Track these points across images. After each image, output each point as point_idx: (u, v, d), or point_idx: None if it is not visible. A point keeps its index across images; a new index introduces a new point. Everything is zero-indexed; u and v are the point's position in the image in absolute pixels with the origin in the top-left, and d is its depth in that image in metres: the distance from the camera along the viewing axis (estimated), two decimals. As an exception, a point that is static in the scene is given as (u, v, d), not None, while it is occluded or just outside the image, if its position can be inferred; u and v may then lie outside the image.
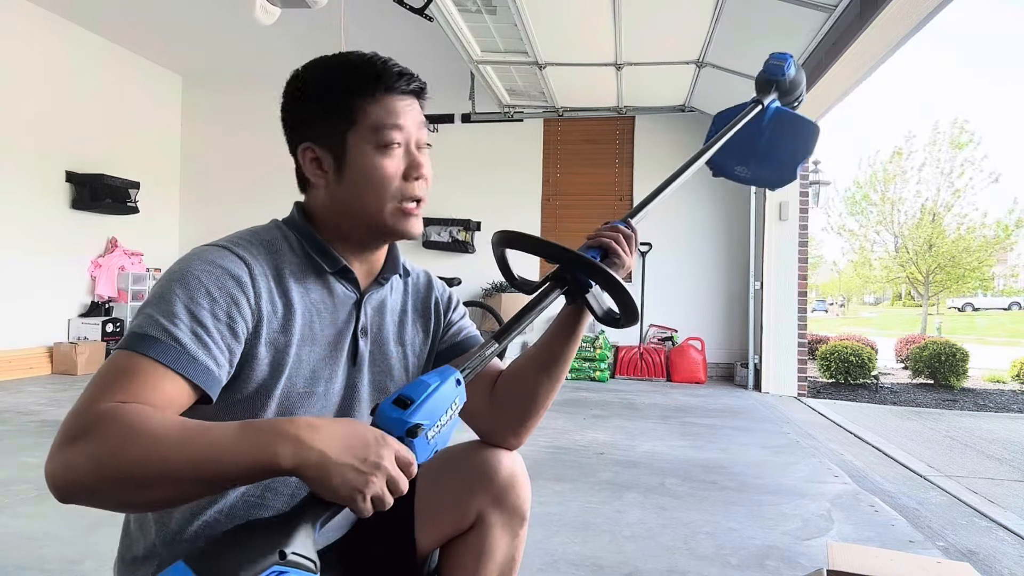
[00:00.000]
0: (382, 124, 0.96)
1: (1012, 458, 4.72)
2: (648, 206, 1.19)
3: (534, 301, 0.99)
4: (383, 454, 0.76)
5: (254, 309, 0.92)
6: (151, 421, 0.75)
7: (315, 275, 1.01)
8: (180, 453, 0.73)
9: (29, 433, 3.77)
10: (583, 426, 4.35)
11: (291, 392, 0.96)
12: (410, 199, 1.00)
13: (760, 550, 2.28)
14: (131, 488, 0.74)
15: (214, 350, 0.86)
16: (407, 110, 0.99)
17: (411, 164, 0.99)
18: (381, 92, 0.97)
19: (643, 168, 7.27)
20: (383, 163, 0.97)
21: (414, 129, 1.00)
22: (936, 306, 23.58)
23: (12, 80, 5.81)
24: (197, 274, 0.88)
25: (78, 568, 2.00)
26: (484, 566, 1.09)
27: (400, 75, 0.98)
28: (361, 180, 0.98)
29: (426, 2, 4.35)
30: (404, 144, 0.99)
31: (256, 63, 7.20)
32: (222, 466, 0.74)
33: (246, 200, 7.67)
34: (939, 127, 20.00)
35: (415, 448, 0.79)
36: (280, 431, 0.75)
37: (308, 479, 0.75)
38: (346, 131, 0.97)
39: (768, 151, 1.40)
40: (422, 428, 0.79)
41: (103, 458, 0.73)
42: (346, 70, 0.98)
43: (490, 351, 0.93)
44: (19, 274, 5.86)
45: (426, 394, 0.80)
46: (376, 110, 0.97)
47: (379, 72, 0.97)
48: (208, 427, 0.77)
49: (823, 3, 3.84)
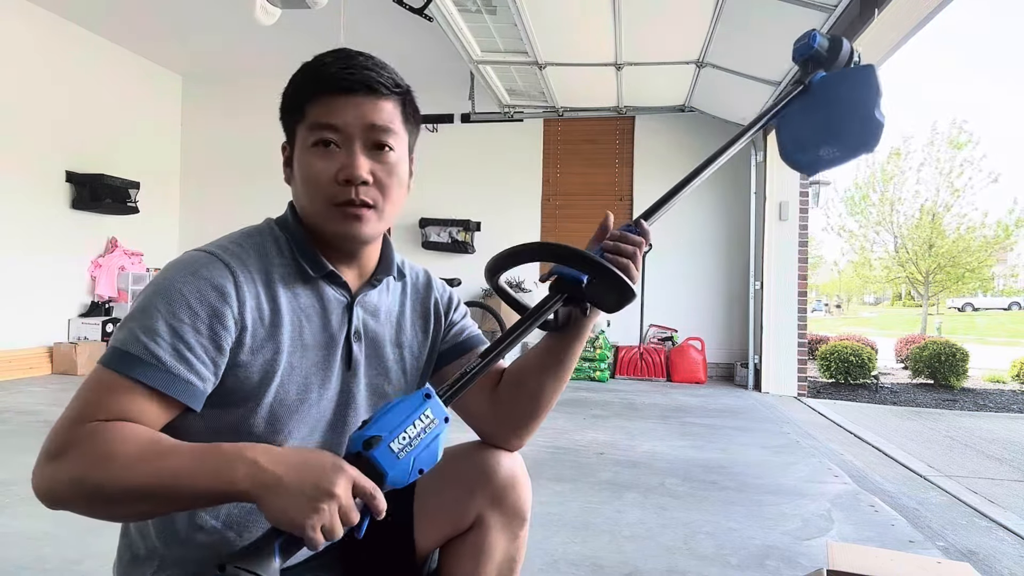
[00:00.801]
0: (316, 122, 0.95)
1: (1012, 458, 4.72)
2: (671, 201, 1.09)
3: (531, 312, 0.98)
4: (336, 481, 0.75)
5: (237, 319, 0.91)
6: (125, 444, 0.79)
7: (304, 279, 0.99)
8: (146, 475, 0.77)
9: (29, 433, 3.77)
10: (583, 426, 4.35)
11: (284, 399, 0.95)
12: (344, 202, 0.95)
13: (760, 550, 2.28)
14: (108, 505, 0.80)
15: (196, 364, 0.87)
16: (348, 108, 0.94)
17: (342, 166, 0.94)
18: (321, 88, 0.95)
19: (643, 168, 7.28)
20: (312, 161, 0.95)
21: (357, 128, 0.94)
22: (936, 306, 23.57)
23: (12, 80, 5.81)
24: (179, 287, 0.88)
25: (78, 568, 2.00)
26: (483, 567, 1.09)
27: (343, 69, 0.94)
28: (300, 177, 0.98)
29: (426, 2, 4.34)
30: (344, 143, 0.95)
31: (256, 63, 7.20)
32: (184, 488, 0.77)
33: (246, 200, 7.65)
34: (937, 127, 20.02)
35: (378, 460, 0.78)
36: (240, 455, 0.78)
37: (261, 503, 0.76)
38: (295, 127, 0.98)
39: (842, 118, 1.29)
40: (380, 439, 0.79)
41: (80, 478, 0.78)
42: (303, 67, 0.98)
43: (472, 366, 0.92)
44: (19, 274, 5.86)
45: (384, 408, 0.82)
46: (315, 107, 0.95)
47: (320, 68, 0.96)
48: (176, 449, 0.80)
49: (823, 3, 3.84)
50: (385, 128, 0.96)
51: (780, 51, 4.54)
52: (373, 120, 0.95)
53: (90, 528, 2.28)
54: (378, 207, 0.97)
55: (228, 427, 0.93)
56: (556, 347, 1.07)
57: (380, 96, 0.96)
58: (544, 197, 7.49)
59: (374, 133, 0.95)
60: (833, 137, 1.30)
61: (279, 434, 0.96)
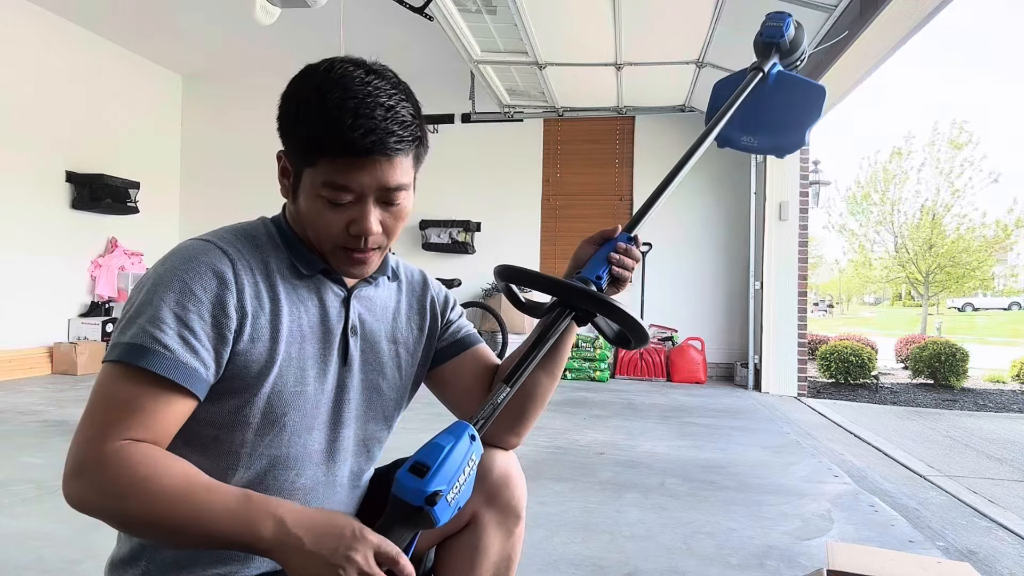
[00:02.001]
0: (331, 182, 0.90)
1: (1012, 458, 4.72)
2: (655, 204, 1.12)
3: (544, 332, 0.98)
4: (357, 548, 0.78)
5: (238, 306, 0.91)
6: (155, 477, 0.81)
7: (301, 273, 1.00)
8: (175, 512, 0.80)
9: (29, 433, 3.77)
10: (583, 426, 4.35)
11: (282, 390, 0.95)
12: (352, 249, 0.95)
13: (760, 550, 2.28)
14: (132, 528, 0.86)
15: (201, 352, 0.88)
16: (366, 172, 0.90)
17: (353, 220, 0.92)
18: (338, 151, 0.88)
19: (643, 168, 7.28)
20: (322, 211, 0.93)
21: (372, 189, 0.91)
22: (936, 306, 23.58)
23: (12, 80, 5.81)
24: (181, 275, 0.89)
25: (78, 568, 2.00)
26: (479, 565, 1.09)
27: (365, 135, 0.87)
28: (306, 214, 0.95)
29: (426, 2, 4.34)
30: (357, 199, 0.92)
31: (256, 63, 7.21)
32: (210, 530, 0.81)
33: (246, 200, 7.62)
34: (938, 127, 20.02)
35: (437, 516, 0.80)
36: (268, 509, 0.81)
37: (282, 563, 0.80)
38: (303, 167, 0.93)
39: (775, 118, 1.31)
40: (440, 494, 0.79)
41: (108, 501, 0.81)
42: (321, 111, 0.89)
43: (502, 396, 0.92)
44: (19, 274, 5.86)
45: (441, 457, 0.81)
46: (329, 166, 0.89)
47: (343, 130, 0.87)
48: (208, 488, 0.83)
49: (823, 3, 3.85)
50: (400, 186, 0.94)
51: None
52: (388, 183, 0.92)
53: (90, 528, 2.28)
54: (383, 247, 0.99)
55: (224, 417, 0.93)
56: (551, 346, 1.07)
57: (400, 155, 0.92)
58: (544, 197, 7.49)
59: (387, 193, 0.93)
60: (762, 130, 1.33)
61: (275, 426, 0.96)
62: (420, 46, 5.93)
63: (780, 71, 1.31)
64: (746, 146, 1.36)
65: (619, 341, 1.05)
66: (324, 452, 1.02)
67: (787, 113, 1.31)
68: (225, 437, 0.94)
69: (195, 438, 0.93)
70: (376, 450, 1.12)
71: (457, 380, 1.16)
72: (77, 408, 4.50)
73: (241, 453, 0.95)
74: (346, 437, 1.04)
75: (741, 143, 1.36)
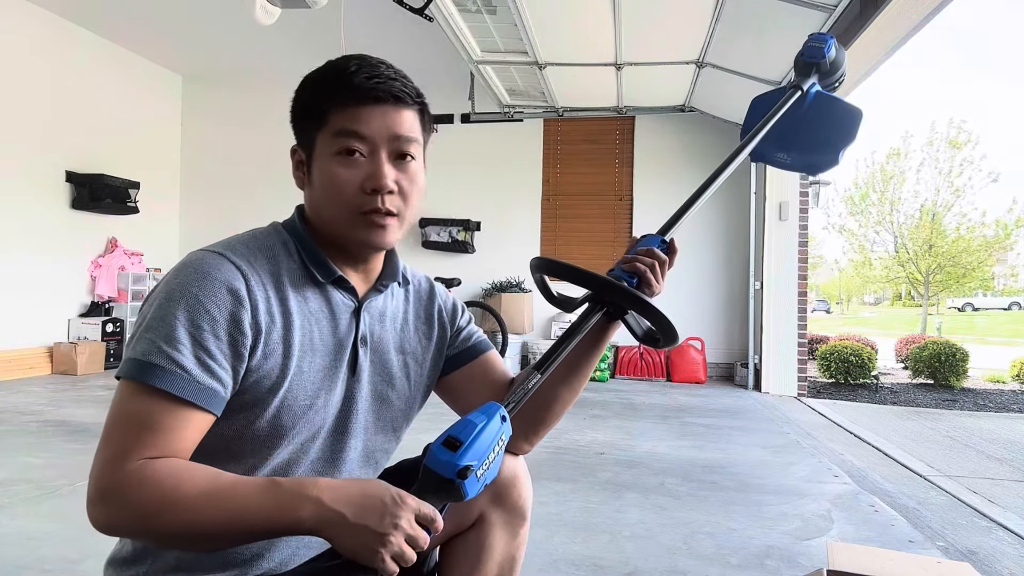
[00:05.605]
0: (341, 129, 0.93)
1: (1012, 458, 4.72)
2: (689, 212, 1.15)
3: (576, 325, 0.99)
4: (399, 514, 0.79)
5: (252, 323, 0.91)
6: (181, 487, 0.80)
7: (313, 283, 0.99)
8: (209, 517, 0.80)
9: (29, 433, 3.77)
10: (583, 426, 4.35)
11: (292, 405, 0.95)
12: (370, 211, 0.95)
13: (760, 550, 2.28)
14: (169, 541, 0.85)
15: (218, 371, 0.87)
16: (375, 117, 0.94)
17: (368, 175, 0.94)
18: (346, 96, 0.93)
19: (643, 168, 7.28)
20: (338, 170, 0.94)
21: (383, 138, 0.94)
22: (936, 306, 23.58)
23: (12, 80, 5.81)
24: (195, 292, 0.87)
25: (78, 568, 2.00)
26: (484, 564, 1.09)
27: (369, 79, 0.93)
28: (321, 185, 0.96)
29: (426, 2, 4.34)
30: (370, 152, 0.94)
31: (256, 63, 7.21)
32: (248, 525, 0.81)
33: (246, 200, 7.67)
34: (936, 127, 20.04)
35: (467, 489, 0.81)
36: (303, 493, 0.81)
37: (329, 539, 0.80)
38: (315, 133, 0.96)
39: (811, 136, 1.33)
40: (471, 469, 0.81)
41: (140, 521, 0.80)
42: (323, 72, 0.97)
43: (533, 382, 0.93)
44: (19, 274, 5.86)
45: (474, 434, 0.82)
46: (339, 115, 0.93)
47: (348, 76, 0.94)
48: (236, 487, 0.82)
49: (823, 3, 3.84)
50: (409, 138, 0.96)
51: (780, 51, 4.54)
52: (398, 131, 0.95)
53: (90, 528, 2.28)
54: (401, 215, 0.98)
55: (231, 431, 0.93)
56: (575, 359, 1.09)
57: (405, 106, 0.96)
58: (544, 197, 7.49)
59: (399, 143, 0.95)
60: (797, 148, 1.36)
61: (282, 439, 0.95)
62: (420, 46, 5.93)
63: (819, 91, 1.33)
64: (780, 162, 1.39)
65: (647, 340, 1.05)
66: (327, 462, 1.02)
67: (822, 132, 1.33)
68: (233, 447, 0.94)
69: (202, 448, 0.92)
70: (383, 461, 1.12)
71: (468, 387, 1.16)
72: (77, 408, 4.50)
73: (247, 463, 0.95)
74: (352, 448, 1.04)
75: (775, 159, 1.38)
